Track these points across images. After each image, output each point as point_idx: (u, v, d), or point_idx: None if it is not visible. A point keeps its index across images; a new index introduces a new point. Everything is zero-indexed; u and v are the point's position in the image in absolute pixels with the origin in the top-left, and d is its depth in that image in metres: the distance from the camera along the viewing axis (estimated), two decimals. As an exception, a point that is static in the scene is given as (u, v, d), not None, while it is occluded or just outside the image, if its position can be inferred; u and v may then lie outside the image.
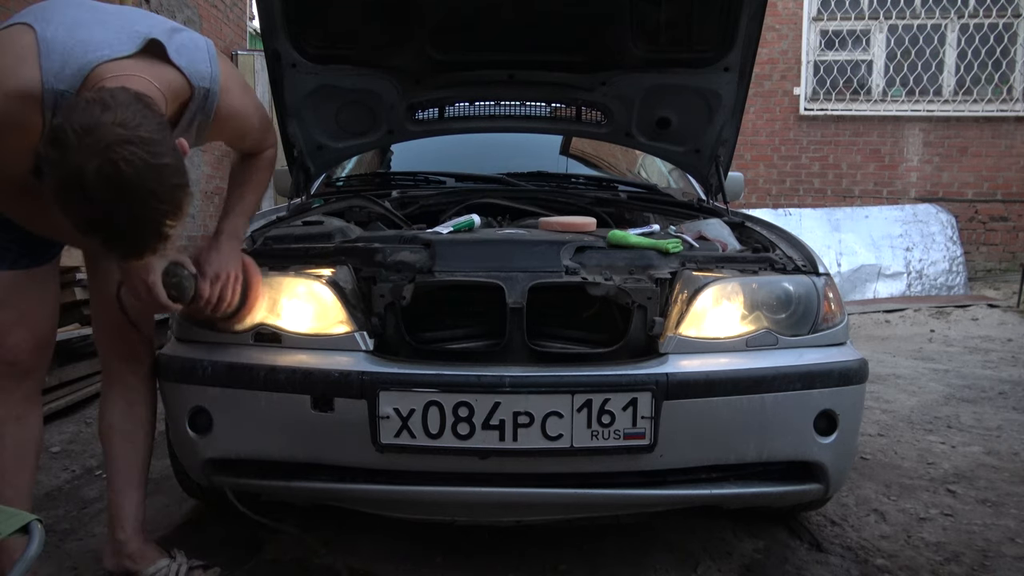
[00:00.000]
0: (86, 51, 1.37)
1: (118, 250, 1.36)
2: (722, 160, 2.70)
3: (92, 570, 1.96)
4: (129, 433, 1.82)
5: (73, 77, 1.35)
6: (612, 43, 2.44)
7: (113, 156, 1.21)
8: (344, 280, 1.80)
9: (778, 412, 1.73)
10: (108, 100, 1.25)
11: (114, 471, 1.83)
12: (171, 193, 1.29)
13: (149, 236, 1.31)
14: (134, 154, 1.23)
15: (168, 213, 1.30)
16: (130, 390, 1.82)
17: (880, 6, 7.47)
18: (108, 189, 1.22)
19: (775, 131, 7.78)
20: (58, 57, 1.35)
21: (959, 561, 2.04)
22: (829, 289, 1.90)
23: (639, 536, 2.13)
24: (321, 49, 2.41)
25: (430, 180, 2.78)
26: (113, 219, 1.25)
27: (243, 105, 1.64)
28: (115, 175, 1.21)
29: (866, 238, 6.92)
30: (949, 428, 3.25)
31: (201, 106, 1.52)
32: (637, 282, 1.81)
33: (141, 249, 1.35)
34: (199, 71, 1.50)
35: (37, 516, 1.06)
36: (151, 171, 1.24)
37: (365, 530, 2.10)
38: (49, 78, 1.34)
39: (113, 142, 1.22)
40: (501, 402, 1.62)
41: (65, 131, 1.22)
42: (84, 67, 1.36)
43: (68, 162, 1.21)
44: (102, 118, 1.22)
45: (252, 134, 1.71)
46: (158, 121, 1.31)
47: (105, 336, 1.81)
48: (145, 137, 1.25)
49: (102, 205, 1.23)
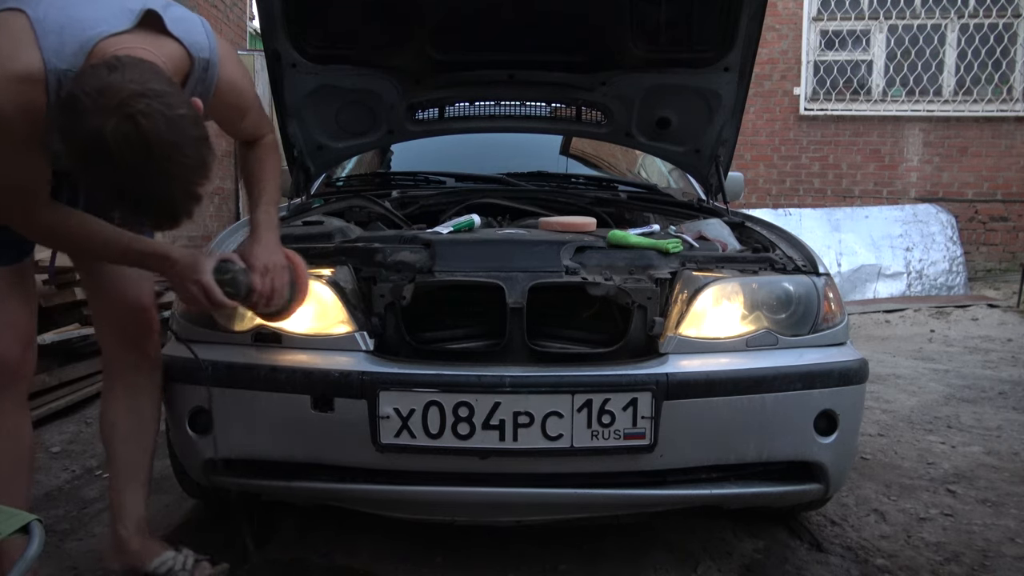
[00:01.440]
0: (83, 28, 1.34)
1: (152, 215, 1.32)
2: (722, 160, 2.70)
3: (92, 570, 1.96)
4: (132, 431, 1.79)
5: (75, 55, 1.33)
6: (612, 43, 2.44)
7: (129, 111, 1.19)
8: (344, 280, 1.80)
9: (778, 412, 1.73)
10: (114, 63, 1.24)
11: (116, 469, 1.80)
12: (194, 145, 1.26)
13: (180, 195, 1.28)
14: (149, 106, 1.20)
15: (194, 168, 1.27)
16: (134, 387, 1.78)
17: (880, 6, 7.47)
18: (130, 146, 1.19)
19: (775, 131, 7.78)
20: (55, 36, 1.32)
21: (959, 561, 2.04)
22: (829, 289, 1.90)
23: (639, 536, 2.13)
24: (321, 49, 2.41)
25: (430, 180, 2.78)
26: (142, 179, 1.22)
27: (241, 78, 1.61)
28: (135, 131, 1.19)
29: (866, 238, 6.92)
30: (949, 428, 3.25)
31: (201, 78, 1.49)
32: (637, 282, 1.81)
33: (175, 211, 1.31)
34: (197, 42, 1.47)
35: (37, 516, 1.06)
36: (169, 122, 1.22)
37: (365, 530, 2.09)
38: (50, 57, 1.31)
39: (127, 97, 1.19)
40: (501, 402, 1.62)
41: (76, 96, 1.20)
42: (85, 44, 1.33)
43: (85, 125, 1.18)
44: (111, 78, 1.21)
45: (251, 112, 1.67)
46: (167, 77, 1.29)
47: (108, 333, 1.78)
48: (158, 89, 1.23)
49: (128, 165, 1.20)
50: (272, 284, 1.61)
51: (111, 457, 1.81)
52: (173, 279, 1.57)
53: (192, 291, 1.54)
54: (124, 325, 1.74)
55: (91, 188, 1.28)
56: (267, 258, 1.62)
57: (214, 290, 1.54)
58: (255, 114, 1.70)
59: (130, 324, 1.74)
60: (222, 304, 1.57)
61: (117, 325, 1.75)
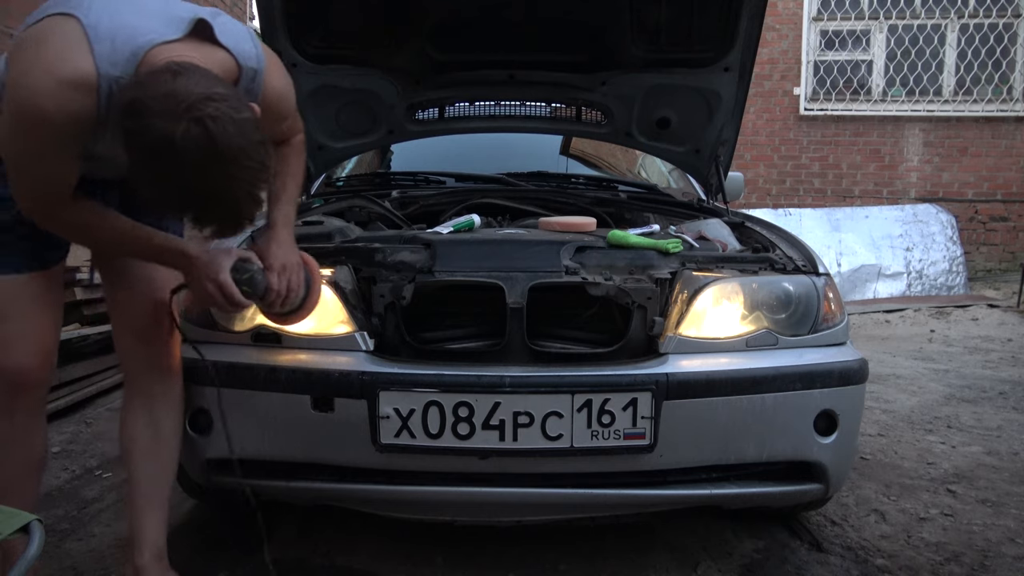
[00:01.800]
0: (135, 35, 1.34)
1: (215, 220, 1.31)
2: (722, 160, 2.70)
3: (92, 570, 1.96)
4: (152, 448, 1.72)
5: (127, 62, 1.32)
6: (612, 43, 2.44)
7: (198, 114, 1.19)
8: (344, 280, 1.80)
9: (778, 412, 1.73)
10: (175, 68, 1.24)
11: (134, 489, 1.73)
12: (258, 149, 1.27)
13: (243, 198, 1.28)
14: (218, 109, 1.21)
15: (257, 171, 1.27)
16: (153, 400, 1.72)
17: (880, 6, 7.47)
18: (199, 150, 1.19)
19: (775, 131, 7.78)
20: (108, 43, 1.31)
21: (959, 561, 2.04)
22: (829, 289, 1.90)
23: (639, 536, 2.13)
24: (321, 49, 2.42)
25: (430, 180, 2.78)
26: (208, 182, 1.22)
27: (285, 86, 1.61)
28: (204, 134, 1.19)
29: (866, 238, 6.92)
30: (949, 428, 3.25)
31: (248, 87, 1.48)
32: (637, 282, 1.81)
33: (239, 216, 1.31)
34: (245, 51, 1.47)
35: (37, 516, 1.06)
36: (236, 126, 1.22)
37: (365, 530, 2.09)
38: (103, 63, 1.30)
39: (195, 101, 1.20)
40: (501, 402, 1.62)
41: (142, 100, 1.20)
42: (137, 51, 1.33)
43: (154, 130, 1.18)
44: (176, 83, 1.21)
45: (289, 118, 1.68)
46: (226, 82, 1.29)
47: (127, 344, 1.73)
48: (223, 93, 1.24)
49: (196, 168, 1.20)
50: (288, 283, 1.60)
51: (129, 475, 1.75)
52: (191, 276, 1.56)
53: (209, 289, 1.53)
54: (143, 331, 1.71)
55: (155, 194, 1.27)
56: (284, 257, 1.62)
57: (232, 289, 1.53)
58: (294, 118, 1.71)
59: (148, 330, 1.71)
60: (239, 304, 1.55)
61: (136, 332, 1.71)
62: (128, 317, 1.72)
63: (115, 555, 2.02)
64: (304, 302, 1.66)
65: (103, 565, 1.98)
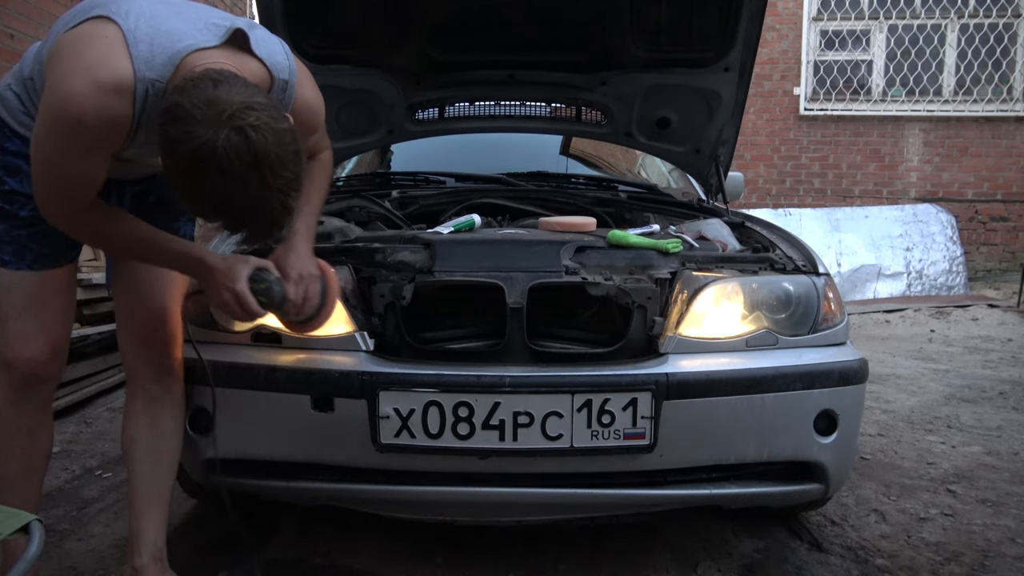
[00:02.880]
0: (173, 41, 1.35)
1: (250, 227, 1.32)
2: (722, 160, 2.70)
3: (92, 570, 1.96)
4: (152, 449, 1.73)
5: (164, 67, 1.33)
6: (612, 43, 2.44)
7: (240, 123, 1.20)
8: (344, 280, 1.80)
9: (778, 412, 1.73)
10: (216, 76, 1.25)
11: (134, 489, 1.73)
12: (295, 160, 1.28)
13: (279, 207, 1.29)
14: (259, 119, 1.22)
15: (292, 181, 1.28)
16: (154, 401, 1.72)
17: (880, 6, 7.47)
18: (241, 158, 1.20)
19: (775, 131, 7.78)
20: (146, 47, 1.32)
21: (959, 561, 2.04)
22: (829, 289, 1.90)
23: (639, 536, 2.13)
24: (321, 49, 2.42)
25: (430, 180, 2.78)
26: (246, 190, 1.23)
27: (316, 100, 1.62)
28: (245, 143, 1.20)
29: (866, 238, 6.93)
30: (949, 428, 3.25)
31: (280, 98, 1.49)
32: (637, 282, 1.81)
33: (271, 225, 1.32)
34: (279, 62, 1.48)
35: (37, 516, 1.06)
36: (276, 136, 1.24)
37: (365, 530, 2.10)
38: (140, 67, 1.31)
39: (237, 110, 1.21)
40: (501, 402, 1.62)
41: (184, 107, 1.21)
42: (175, 56, 1.34)
43: (196, 137, 1.19)
44: (218, 91, 1.22)
45: (318, 131, 1.69)
46: (264, 92, 1.30)
47: (130, 343, 1.74)
48: (264, 103, 1.25)
49: (236, 177, 1.21)
50: (305, 293, 1.61)
51: (130, 476, 1.76)
52: (207, 284, 1.56)
53: (226, 298, 1.53)
54: (147, 334, 1.72)
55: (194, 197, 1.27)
56: (302, 267, 1.62)
57: (248, 299, 1.53)
58: (323, 131, 1.71)
59: (152, 331, 1.71)
60: (255, 313, 1.55)
61: (139, 333, 1.72)
62: (132, 318, 1.73)
63: (115, 555, 2.02)
64: (320, 311, 1.66)
65: (103, 565, 1.98)
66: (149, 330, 1.71)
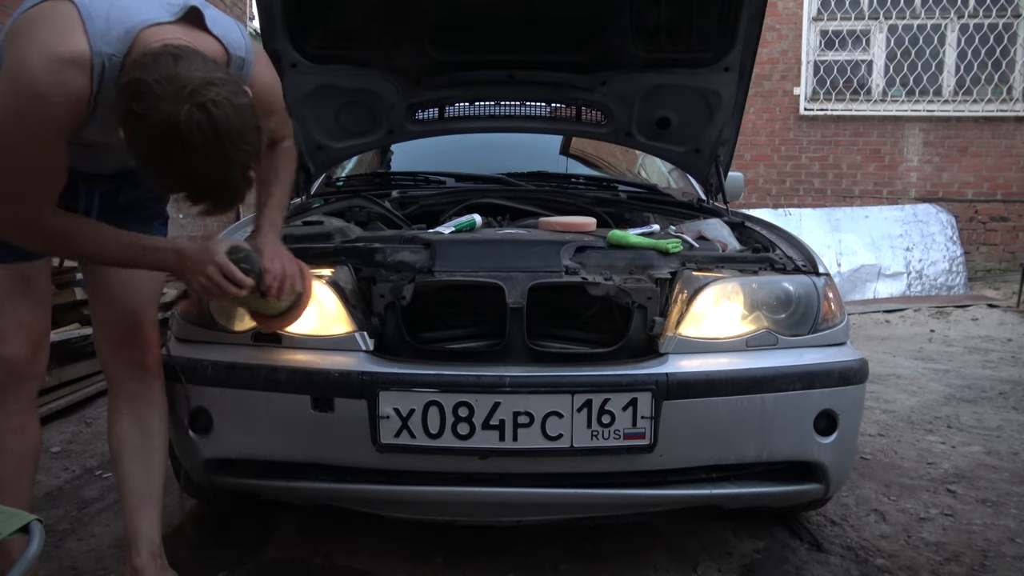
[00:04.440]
0: (129, 16, 1.36)
1: (212, 198, 1.34)
2: (722, 160, 2.70)
3: (92, 570, 1.96)
4: (140, 447, 1.75)
5: (120, 41, 1.35)
6: (612, 43, 2.44)
7: (201, 99, 1.22)
8: (344, 280, 1.80)
9: (778, 412, 1.73)
10: (175, 51, 1.27)
11: (127, 490, 1.75)
12: (254, 134, 1.31)
13: (240, 181, 1.32)
14: (219, 94, 1.24)
15: (252, 154, 1.31)
16: (137, 400, 1.74)
17: (880, 6, 7.47)
18: (203, 133, 1.22)
19: (775, 131, 7.78)
20: (102, 22, 1.34)
21: (959, 561, 2.04)
22: (829, 289, 1.90)
23: (639, 536, 2.13)
24: (321, 49, 2.41)
25: (430, 180, 2.78)
26: (208, 163, 1.25)
27: (273, 79, 1.64)
28: (207, 118, 1.22)
29: (866, 238, 6.92)
30: (949, 428, 3.25)
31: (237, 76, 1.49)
32: (637, 282, 1.81)
33: (233, 196, 1.34)
34: (235, 40, 1.49)
35: (37, 516, 1.06)
36: (237, 111, 1.26)
37: (365, 530, 2.10)
38: (97, 41, 1.33)
39: (199, 86, 1.23)
40: (501, 402, 1.62)
41: (146, 82, 1.22)
42: (131, 30, 1.35)
43: (159, 111, 1.21)
44: (179, 67, 1.24)
45: (278, 113, 1.69)
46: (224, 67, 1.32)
47: (107, 343, 1.75)
48: (224, 78, 1.28)
49: (198, 151, 1.23)
50: (283, 270, 1.61)
51: (120, 477, 1.77)
52: (187, 271, 1.55)
53: (209, 273, 1.52)
54: (123, 336, 1.72)
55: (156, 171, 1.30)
56: (273, 249, 1.64)
57: (232, 267, 1.53)
58: (282, 115, 1.71)
59: (130, 331, 1.72)
60: (241, 282, 1.54)
61: (116, 335, 1.73)
62: (109, 321, 1.73)
63: (115, 555, 2.02)
64: (300, 296, 1.67)
65: (103, 565, 1.98)
66: (127, 331, 1.72)
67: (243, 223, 2.15)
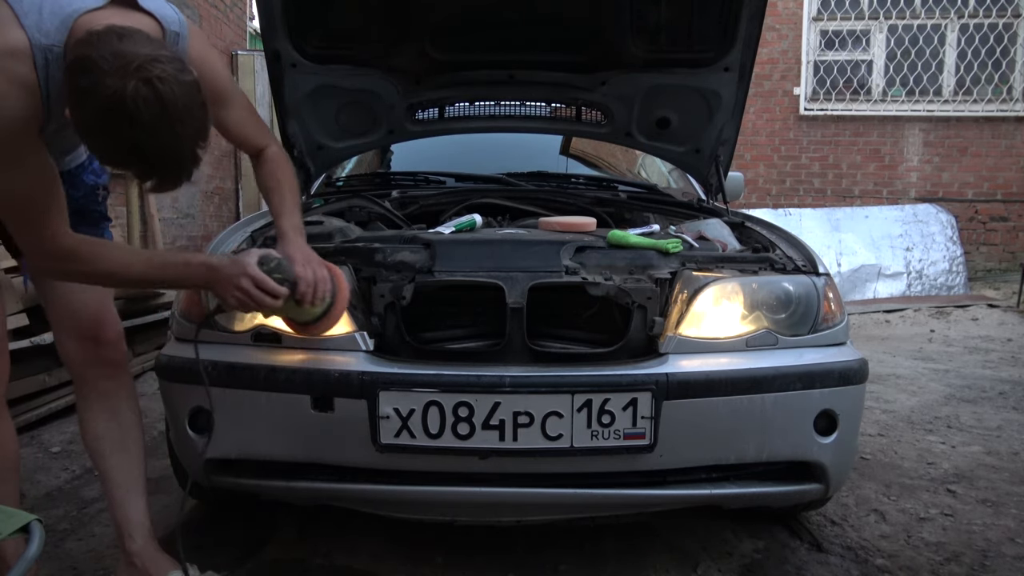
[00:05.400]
0: (62, 6, 1.38)
1: (158, 174, 1.35)
2: (722, 160, 2.70)
3: (92, 570, 1.96)
4: (119, 441, 1.76)
5: (57, 31, 1.36)
6: (612, 43, 2.44)
7: (147, 75, 1.24)
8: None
9: (778, 412, 1.73)
10: (119, 31, 1.29)
11: (113, 483, 1.76)
12: (201, 110, 1.32)
13: (186, 158, 1.33)
14: (164, 71, 1.26)
15: (199, 131, 1.33)
16: (109, 396, 1.76)
17: (880, 6, 7.47)
18: (148, 107, 1.24)
19: (775, 131, 7.78)
20: (35, 16, 1.36)
21: (959, 561, 2.04)
22: (829, 289, 1.90)
23: (639, 536, 2.13)
24: (321, 49, 2.41)
25: (430, 180, 2.78)
26: (155, 138, 1.27)
27: (209, 53, 1.64)
28: (153, 94, 1.24)
29: (866, 238, 6.93)
30: (949, 428, 3.25)
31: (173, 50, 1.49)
32: (637, 282, 1.81)
33: (179, 173, 1.35)
34: (167, 15, 1.51)
35: (37, 516, 1.06)
36: (182, 87, 1.28)
37: (365, 530, 2.09)
38: (34, 33, 1.34)
39: (144, 62, 1.25)
40: (501, 402, 1.62)
41: (92, 58, 1.24)
42: (66, 20, 1.37)
43: (105, 86, 1.23)
44: (123, 44, 1.26)
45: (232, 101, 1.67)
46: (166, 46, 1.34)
47: (76, 347, 1.74)
48: (168, 56, 1.30)
49: (145, 126, 1.25)
50: (315, 275, 1.61)
51: (103, 473, 1.78)
52: (220, 285, 1.54)
53: (244, 286, 1.52)
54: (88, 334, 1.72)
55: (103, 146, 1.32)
56: (303, 254, 1.64)
57: (266, 278, 1.53)
58: (240, 108, 1.70)
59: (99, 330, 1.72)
60: (276, 292, 1.54)
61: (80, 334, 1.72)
62: (74, 322, 1.72)
63: (115, 555, 2.01)
64: (333, 305, 1.66)
65: (103, 565, 1.98)
66: (95, 329, 1.72)
67: (244, 222, 2.15)
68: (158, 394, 1.88)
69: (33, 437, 2.97)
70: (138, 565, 1.75)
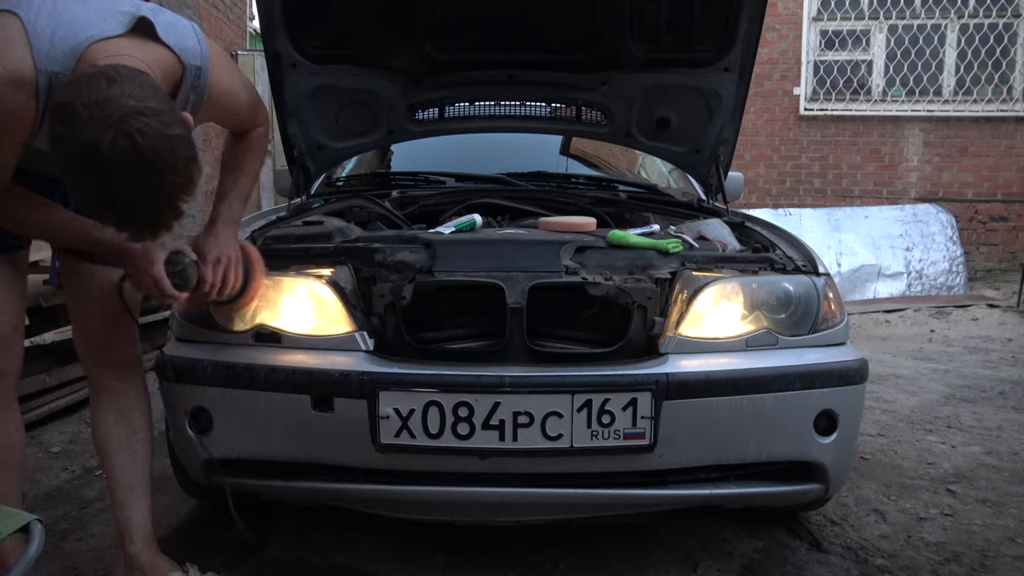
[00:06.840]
0: (75, 31, 1.35)
1: (133, 226, 1.33)
2: (722, 160, 2.70)
3: (92, 570, 1.96)
4: (126, 441, 1.77)
5: (65, 58, 1.33)
6: (612, 43, 2.44)
7: (127, 128, 1.20)
8: (344, 280, 1.80)
9: (778, 412, 1.73)
10: (112, 74, 1.24)
11: (116, 482, 1.77)
12: (185, 165, 1.28)
13: (165, 211, 1.30)
14: (147, 125, 1.21)
15: (182, 186, 1.29)
16: (119, 396, 1.77)
17: (880, 6, 7.47)
18: (125, 162, 1.20)
19: (775, 131, 7.77)
20: (46, 38, 1.33)
21: (959, 561, 2.04)
22: (829, 289, 1.90)
23: (639, 536, 2.13)
24: (321, 49, 2.41)
25: (430, 180, 2.78)
26: (130, 193, 1.24)
27: (232, 83, 1.62)
28: (131, 148, 1.20)
29: (866, 238, 6.92)
30: (949, 428, 3.25)
31: (193, 85, 1.50)
32: (637, 282, 1.81)
33: (157, 226, 1.33)
34: (188, 48, 1.47)
35: (37, 516, 1.06)
36: (165, 142, 1.24)
37: (365, 530, 2.10)
38: (41, 59, 1.32)
39: (126, 114, 1.20)
40: (501, 402, 1.62)
41: (74, 106, 1.21)
42: (76, 47, 1.34)
43: (82, 136, 1.19)
44: (110, 91, 1.21)
45: (243, 112, 1.68)
46: (163, 93, 1.30)
47: (86, 342, 1.76)
48: (156, 108, 1.24)
49: (120, 179, 1.22)
50: (223, 275, 1.62)
51: (109, 471, 1.78)
52: (129, 269, 1.57)
53: (145, 282, 1.55)
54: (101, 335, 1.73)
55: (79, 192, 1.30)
56: (220, 250, 1.64)
57: (164, 282, 1.54)
58: (247, 112, 1.70)
59: (110, 331, 1.73)
60: (172, 296, 1.57)
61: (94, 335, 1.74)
62: (88, 322, 1.74)
63: (115, 555, 2.01)
64: (243, 291, 1.69)
65: (103, 565, 1.98)
66: (107, 330, 1.73)
67: (244, 222, 2.15)
68: (158, 394, 1.88)
69: (33, 437, 2.97)
70: (136, 567, 1.75)
